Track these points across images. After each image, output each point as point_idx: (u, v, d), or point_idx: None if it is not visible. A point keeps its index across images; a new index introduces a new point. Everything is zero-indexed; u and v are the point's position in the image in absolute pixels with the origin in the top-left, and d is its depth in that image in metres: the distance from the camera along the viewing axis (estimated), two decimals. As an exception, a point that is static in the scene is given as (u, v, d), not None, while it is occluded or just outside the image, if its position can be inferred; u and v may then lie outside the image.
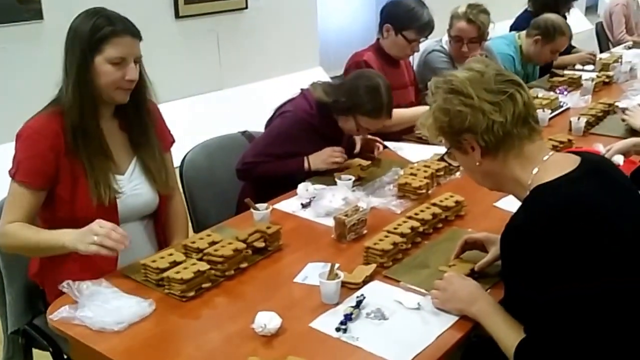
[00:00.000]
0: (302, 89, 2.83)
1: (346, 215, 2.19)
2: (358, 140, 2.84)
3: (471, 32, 3.55)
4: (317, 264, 2.04)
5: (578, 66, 4.66)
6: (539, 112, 3.35)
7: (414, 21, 3.28)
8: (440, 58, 3.64)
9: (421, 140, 3.16)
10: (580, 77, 4.18)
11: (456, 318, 1.74)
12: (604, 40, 6.59)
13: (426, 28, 3.32)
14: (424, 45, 3.62)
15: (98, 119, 2.07)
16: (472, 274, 1.89)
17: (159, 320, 1.77)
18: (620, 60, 4.67)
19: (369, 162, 2.80)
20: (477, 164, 1.66)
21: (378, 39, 3.43)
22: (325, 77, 6.74)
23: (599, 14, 5.14)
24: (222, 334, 1.72)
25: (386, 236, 2.07)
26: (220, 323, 1.77)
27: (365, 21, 8.55)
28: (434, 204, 2.31)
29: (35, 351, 2.29)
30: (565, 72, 4.42)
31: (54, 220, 2.05)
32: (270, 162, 2.67)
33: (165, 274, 1.87)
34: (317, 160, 2.71)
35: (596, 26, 6.65)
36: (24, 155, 1.99)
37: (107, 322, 1.71)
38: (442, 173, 2.67)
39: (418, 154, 2.98)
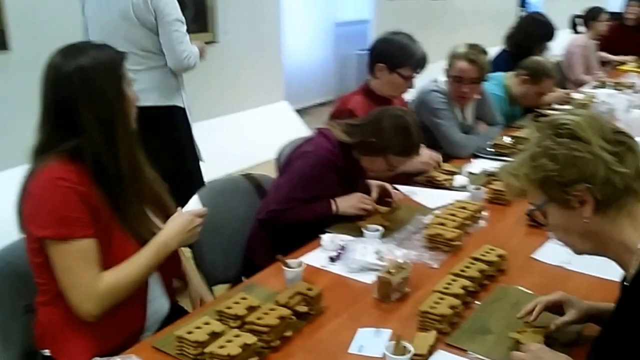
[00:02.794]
0: (318, 129, 2.64)
1: (389, 273, 1.99)
2: (374, 186, 2.66)
3: (472, 73, 3.45)
4: (368, 329, 1.83)
5: (555, 106, 4.64)
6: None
7: (409, 57, 3.14)
8: (439, 98, 3.51)
9: (432, 184, 3.02)
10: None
11: (544, 396, 1.56)
12: (562, 79, 6.67)
13: (421, 63, 3.19)
14: (420, 85, 3.50)
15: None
16: (547, 341, 1.72)
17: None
18: (592, 100, 4.69)
19: (387, 208, 2.62)
20: (585, 221, 1.48)
21: (366, 81, 3.25)
22: (290, 111, 6.59)
23: (553, 54, 5.19)
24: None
25: (441, 298, 1.88)
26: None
27: (325, 57, 8.51)
28: (477, 259, 2.14)
29: None
30: (548, 112, 4.38)
31: None
32: (296, 208, 2.46)
33: (207, 349, 1.62)
34: (345, 204, 2.52)
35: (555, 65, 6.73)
36: (65, 208, 1.72)
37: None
38: (469, 222, 2.51)
39: (433, 198, 2.83)
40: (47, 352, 1.88)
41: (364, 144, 2.48)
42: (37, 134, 1.80)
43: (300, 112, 7.11)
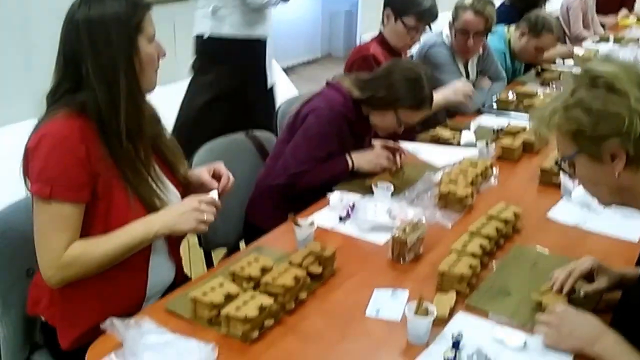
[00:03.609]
0: (327, 82, 2.54)
1: (404, 233, 1.93)
2: (379, 145, 2.58)
3: (478, 25, 3.35)
4: (384, 291, 1.78)
5: (558, 61, 4.56)
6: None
7: (414, 6, 3.05)
8: (442, 53, 3.42)
9: (437, 141, 2.95)
10: (571, 72, 4.07)
11: (570, 358, 1.52)
12: (561, 35, 6.57)
13: (427, 15, 3.10)
14: (425, 39, 3.40)
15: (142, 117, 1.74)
16: (570, 302, 1.67)
17: (226, 370, 1.47)
18: (596, 55, 4.61)
19: (395, 167, 2.54)
20: (616, 175, 1.42)
21: (380, 31, 3.18)
22: (278, 69, 6.42)
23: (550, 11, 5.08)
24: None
25: (459, 258, 1.83)
26: (301, 372, 1.48)
27: (313, 14, 8.32)
28: (492, 217, 2.09)
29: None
30: (552, 67, 4.31)
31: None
32: (314, 169, 2.38)
33: (224, 311, 1.56)
34: (362, 159, 2.45)
35: (552, 21, 6.63)
36: (57, 168, 1.63)
37: (168, 376, 1.40)
38: (480, 179, 2.45)
39: (439, 156, 2.76)
40: (43, 318, 1.83)
41: (375, 99, 2.39)
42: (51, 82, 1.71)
43: (287, 70, 6.96)
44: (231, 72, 3.60)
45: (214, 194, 1.86)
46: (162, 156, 1.89)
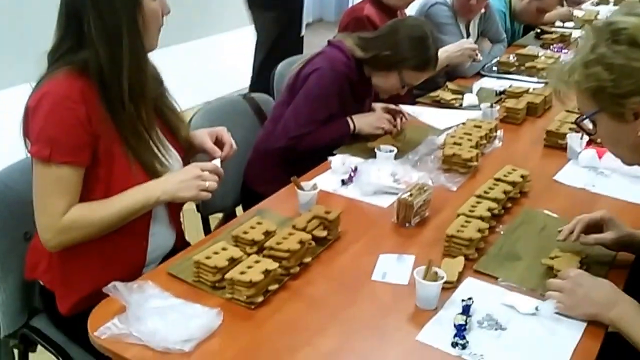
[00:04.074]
0: (329, 42, 2.46)
1: (410, 196, 1.88)
2: (379, 108, 2.51)
3: (483, -17, 3.26)
4: (390, 255, 1.73)
5: (558, 23, 4.48)
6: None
7: None
8: (444, 12, 3.33)
9: (439, 104, 2.89)
10: (570, 34, 4.00)
11: (584, 324, 1.48)
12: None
13: None
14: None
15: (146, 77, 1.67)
16: (581, 266, 1.64)
17: (231, 335, 1.42)
18: (597, 17, 4.53)
19: (397, 130, 2.48)
20: (639, 135, 1.37)
21: None
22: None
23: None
24: (317, 353, 1.40)
25: (467, 221, 1.78)
26: (308, 338, 1.43)
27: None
28: (499, 180, 2.04)
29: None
30: (552, 29, 4.23)
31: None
32: (315, 131, 2.32)
33: (228, 275, 1.51)
34: (363, 122, 2.39)
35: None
36: (57, 129, 1.56)
37: (173, 340, 1.35)
38: (485, 142, 2.40)
39: (441, 119, 2.71)
40: (42, 283, 1.78)
41: (378, 59, 2.32)
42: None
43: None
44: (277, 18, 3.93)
45: (217, 162, 1.80)
46: (164, 119, 1.82)
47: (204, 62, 5.26)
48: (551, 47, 3.78)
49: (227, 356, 1.37)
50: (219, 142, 1.92)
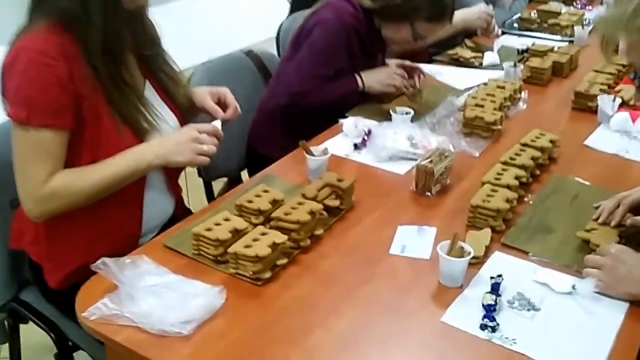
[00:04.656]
0: None
1: (430, 162, 1.72)
2: (394, 65, 2.33)
3: None
4: (410, 227, 1.58)
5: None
6: (577, 29, 2.95)
7: None
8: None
9: (458, 62, 2.71)
10: None
11: (626, 305, 1.34)
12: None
13: None
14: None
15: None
16: (620, 240, 1.49)
17: (236, 315, 1.28)
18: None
19: (412, 89, 2.31)
20: None
21: None
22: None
23: None
24: (332, 334, 1.25)
25: (493, 190, 1.63)
26: (321, 319, 1.29)
27: None
28: (526, 145, 1.88)
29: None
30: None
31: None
32: (320, 88, 2.14)
33: (232, 249, 1.36)
34: (372, 79, 2.21)
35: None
36: (34, 88, 1.40)
37: (170, 322, 1.21)
38: (508, 103, 2.23)
39: (461, 79, 2.53)
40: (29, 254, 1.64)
41: (389, 8, 2.12)
42: None
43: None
44: None
45: (217, 124, 1.64)
46: (159, 80, 1.66)
47: (206, 19, 5.06)
48: (575, 3, 3.58)
49: (231, 339, 1.23)
50: (221, 104, 1.75)
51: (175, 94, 1.69)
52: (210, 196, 2.28)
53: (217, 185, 2.35)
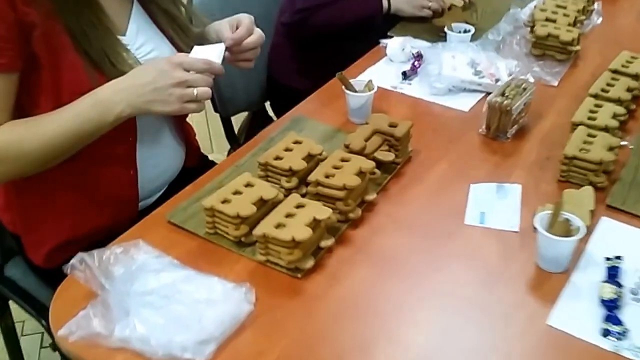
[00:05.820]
0: None
1: (504, 96, 1.34)
2: None
3: None
4: (486, 186, 1.22)
5: None
6: None
7: None
8: None
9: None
10: None
11: None
12: None
13: None
14: None
15: None
16: None
17: (270, 328, 0.94)
18: None
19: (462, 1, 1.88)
20: None
21: None
22: None
23: None
24: (404, 349, 0.91)
25: (589, 135, 1.26)
26: (387, 327, 0.95)
27: None
28: (617, 72, 1.49)
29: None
30: None
31: None
32: (333, 4, 1.74)
33: (258, 231, 1.01)
34: None
35: None
36: None
37: (181, 344, 0.86)
38: (583, 17, 1.82)
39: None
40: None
41: None
42: None
43: None
44: None
45: (214, 51, 1.16)
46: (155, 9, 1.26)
47: None
48: None
49: (268, 361, 0.89)
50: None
51: (176, 22, 1.29)
52: (230, 135, 1.91)
53: (238, 120, 1.97)
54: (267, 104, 2.02)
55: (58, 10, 1.06)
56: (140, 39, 1.22)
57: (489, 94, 1.46)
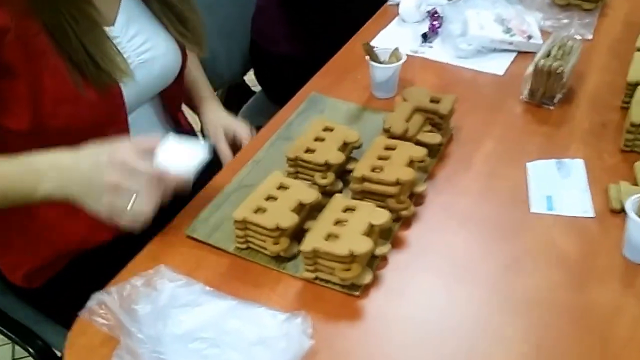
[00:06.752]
0: None
1: (552, 58, 1.18)
2: None
3: None
4: (544, 163, 1.07)
5: None
6: None
7: None
8: None
9: None
10: None
11: None
12: None
13: None
14: None
15: None
16: None
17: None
18: None
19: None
20: None
21: None
22: None
23: None
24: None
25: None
26: (465, 347, 0.79)
27: None
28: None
29: None
30: None
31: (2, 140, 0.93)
32: None
33: (307, 246, 0.84)
34: None
35: None
36: None
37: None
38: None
39: None
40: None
41: None
42: None
43: None
44: None
45: (191, 156, 0.89)
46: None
47: None
48: None
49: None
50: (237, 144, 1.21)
51: (173, 10, 1.09)
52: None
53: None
54: (246, 77, 1.82)
55: (34, 7, 0.85)
56: (132, 30, 1.02)
57: (520, 53, 1.30)
